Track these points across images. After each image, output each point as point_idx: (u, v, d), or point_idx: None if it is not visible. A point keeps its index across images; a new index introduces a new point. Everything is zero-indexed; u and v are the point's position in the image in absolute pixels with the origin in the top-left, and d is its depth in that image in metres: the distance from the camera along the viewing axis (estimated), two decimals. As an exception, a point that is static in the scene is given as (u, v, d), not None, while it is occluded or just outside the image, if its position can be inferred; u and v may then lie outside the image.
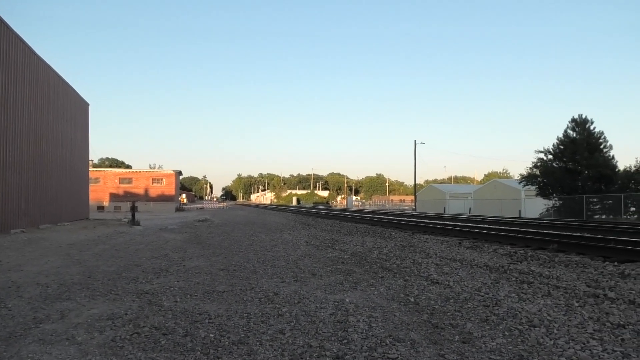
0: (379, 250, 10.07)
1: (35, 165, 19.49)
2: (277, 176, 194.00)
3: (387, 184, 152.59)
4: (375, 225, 19.93)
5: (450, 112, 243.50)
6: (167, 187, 58.64)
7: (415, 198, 60.12)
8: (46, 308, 5.00)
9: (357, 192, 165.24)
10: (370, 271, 7.34)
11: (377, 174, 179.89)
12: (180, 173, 66.32)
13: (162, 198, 57.61)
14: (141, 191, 57.86)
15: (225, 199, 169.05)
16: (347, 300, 5.27)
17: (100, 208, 52.95)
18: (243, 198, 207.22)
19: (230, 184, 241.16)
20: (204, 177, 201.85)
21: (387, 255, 9.30)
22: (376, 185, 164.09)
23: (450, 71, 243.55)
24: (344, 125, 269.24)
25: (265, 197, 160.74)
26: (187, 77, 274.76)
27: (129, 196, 54.18)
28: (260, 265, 7.97)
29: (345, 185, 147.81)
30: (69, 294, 5.70)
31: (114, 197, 56.50)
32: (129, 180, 58.52)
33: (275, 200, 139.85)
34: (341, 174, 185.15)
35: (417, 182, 65.67)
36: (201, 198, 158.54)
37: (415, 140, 57.20)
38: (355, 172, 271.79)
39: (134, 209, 23.65)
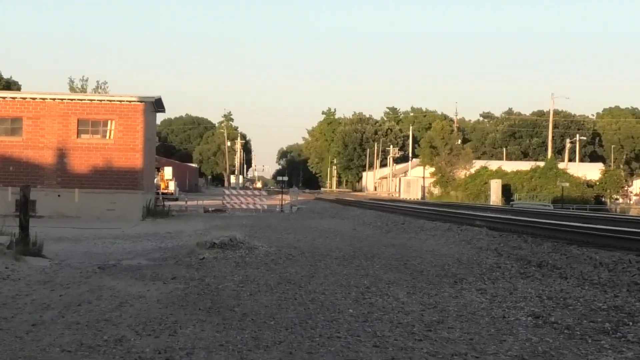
0: None
1: None
2: (440, 116, 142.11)
3: None
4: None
5: None
6: (123, 143, 50.93)
7: None
8: None
9: None
10: None
11: None
12: (158, 105, 55.89)
13: (108, 176, 51.74)
14: (47, 157, 53.16)
15: (286, 184, 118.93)
16: None
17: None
18: (342, 182, 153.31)
19: (301, 142, 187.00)
20: (227, 116, 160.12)
21: None
22: None
23: None
24: None
25: (405, 181, 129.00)
26: None
27: (14, 171, 50.69)
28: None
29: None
30: None
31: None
32: (14, 125, 54.28)
33: (435, 191, 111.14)
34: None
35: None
36: (219, 179, 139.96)
37: None
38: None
39: (26, 205, 20.81)
